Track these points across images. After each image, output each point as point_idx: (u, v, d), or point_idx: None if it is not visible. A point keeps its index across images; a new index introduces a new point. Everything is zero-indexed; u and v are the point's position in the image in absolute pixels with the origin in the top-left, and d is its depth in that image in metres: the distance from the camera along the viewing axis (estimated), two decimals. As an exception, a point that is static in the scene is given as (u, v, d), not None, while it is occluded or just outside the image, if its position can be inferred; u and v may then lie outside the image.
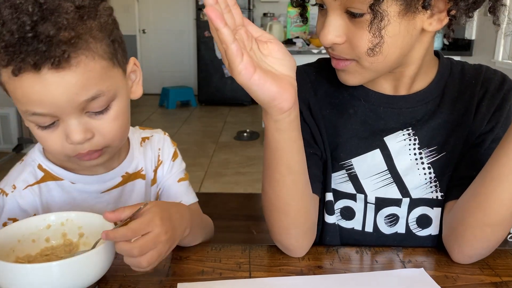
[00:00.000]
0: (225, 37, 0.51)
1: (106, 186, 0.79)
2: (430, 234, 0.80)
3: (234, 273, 0.68)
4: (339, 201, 0.81)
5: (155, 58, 6.79)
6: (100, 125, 0.65)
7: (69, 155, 0.67)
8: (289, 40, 3.91)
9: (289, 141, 0.64)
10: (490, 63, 3.18)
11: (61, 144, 0.65)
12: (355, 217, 0.81)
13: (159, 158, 0.87)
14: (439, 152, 0.78)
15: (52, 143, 0.66)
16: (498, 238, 0.69)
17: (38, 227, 0.66)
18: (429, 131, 0.77)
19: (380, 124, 0.78)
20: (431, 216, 0.79)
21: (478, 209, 0.67)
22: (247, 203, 3.05)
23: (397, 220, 0.80)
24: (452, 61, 0.82)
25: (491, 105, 0.76)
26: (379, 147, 0.78)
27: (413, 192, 0.78)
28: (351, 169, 0.79)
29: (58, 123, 0.64)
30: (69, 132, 0.63)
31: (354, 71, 0.70)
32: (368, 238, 0.81)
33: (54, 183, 0.76)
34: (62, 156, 0.68)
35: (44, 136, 0.65)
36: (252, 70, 0.54)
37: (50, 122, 0.63)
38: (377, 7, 0.60)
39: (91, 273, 0.58)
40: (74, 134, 0.63)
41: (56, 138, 0.65)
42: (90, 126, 0.65)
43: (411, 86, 0.77)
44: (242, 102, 6.00)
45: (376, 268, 0.71)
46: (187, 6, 6.53)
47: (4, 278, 0.54)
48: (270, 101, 0.58)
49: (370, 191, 0.79)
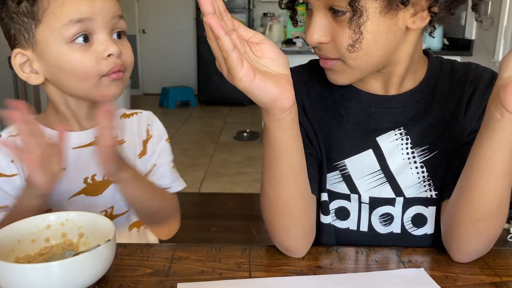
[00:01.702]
0: (226, 46, 0.52)
1: (77, 143, 0.84)
2: (426, 233, 0.80)
3: (234, 273, 0.68)
4: (333, 202, 0.81)
5: (155, 58, 6.79)
6: (124, 48, 0.79)
7: (102, 72, 0.76)
8: (289, 40, 3.91)
9: (290, 140, 0.65)
10: (490, 63, 3.18)
11: (96, 61, 0.76)
12: (350, 217, 0.81)
13: (149, 133, 0.94)
14: (431, 151, 0.78)
15: (88, 61, 0.75)
16: (491, 232, 0.69)
17: (38, 227, 0.67)
18: (420, 130, 0.78)
19: (372, 124, 0.79)
20: (426, 215, 0.79)
21: (466, 205, 0.68)
22: (247, 203, 3.05)
23: (392, 219, 0.80)
24: (441, 59, 0.82)
25: (481, 102, 0.76)
26: (372, 147, 0.78)
27: (407, 191, 0.79)
28: (345, 169, 0.80)
29: (93, 41, 0.76)
30: (107, 44, 0.76)
31: (341, 70, 0.71)
32: (364, 238, 0.81)
33: None
34: (94, 78, 0.76)
35: (80, 56, 0.75)
36: (252, 75, 0.55)
37: (87, 36, 0.75)
38: (356, 3, 0.61)
39: (91, 273, 0.58)
40: (113, 45, 0.76)
41: (92, 55, 0.76)
42: (118, 46, 0.78)
43: (401, 86, 0.78)
44: (242, 102, 6.01)
45: (376, 268, 0.71)
46: (187, 6, 6.53)
47: (4, 278, 0.54)
48: (271, 102, 0.59)
49: (363, 191, 0.79)
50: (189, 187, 3.23)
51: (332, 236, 0.82)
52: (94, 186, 0.86)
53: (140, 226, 0.96)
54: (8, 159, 0.80)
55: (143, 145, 0.93)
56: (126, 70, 0.80)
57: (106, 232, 0.62)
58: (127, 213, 0.91)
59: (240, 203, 3.06)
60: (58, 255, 0.66)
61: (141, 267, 0.69)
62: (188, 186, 0.98)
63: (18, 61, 0.78)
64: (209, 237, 2.56)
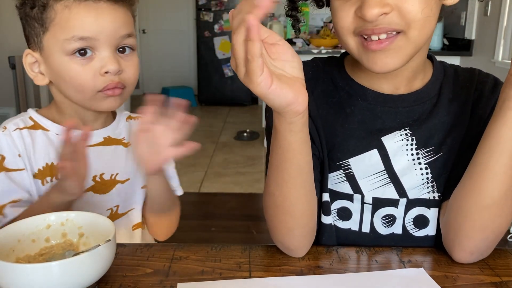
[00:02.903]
0: (256, 50, 0.50)
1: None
2: (427, 234, 0.80)
3: (234, 273, 0.68)
4: (335, 202, 0.81)
5: (155, 58, 6.79)
6: (127, 65, 0.80)
7: (98, 87, 0.78)
8: (289, 40, 3.91)
9: (301, 142, 0.64)
10: (490, 63, 3.18)
11: (93, 76, 0.77)
12: (352, 217, 0.81)
13: None
14: (436, 153, 0.78)
15: (85, 75, 0.77)
16: (496, 225, 0.69)
17: (38, 227, 0.67)
18: (426, 131, 0.78)
19: (378, 124, 0.78)
20: (428, 217, 0.79)
21: (474, 190, 0.68)
22: (247, 203, 3.05)
23: (394, 220, 0.80)
24: (445, 64, 0.83)
25: (486, 107, 0.77)
26: (377, 147, 0.78)
27: (410, 192, 0.78)
28: (349, 169, 0.79)
29: (94, 55, 0.77)
30: (106, 61, 0.77)
31: (398, 48, 0.66)
32: (365, 239, 0.81)
33: (41, 131, 0.84)
34: (89, 91, 0.78)
35: (79, 70, 0.77)
36: (270, 80, 0.54)
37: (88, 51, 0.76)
38: None
39: (91, 273, 0.58)
40: (112, 62, 0.77)
41: (90, 70, 0.77)
42: (120, 63, 0.79)
43: (409, 87, 0.78)
44: (242, 102, 6.00)
45: (376, 268, 0.71)
46: (187, 6, 6.53)
47: (4, 278, 0.54)
48: (286, 106, 0.58)
49: (367, 191, 0.79)
50: (189, 187, 3.24)
51: (333, 236, 0.81)
52: (102, 184, 0.87)
53: (143, 227, 0.97)
54: (15, 153, 0.80)
55: None
56: (127, 87, 0.81)
57: (106, 232, 0.62)
58: (129, 213, 0.92)
59: (240, 203, 3.06)
60: (58, 255, 0.66)
61: (141, 267, 0.69)
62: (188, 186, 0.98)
63: (28, 61, 0.81)
64: (209, 237, 2.56)
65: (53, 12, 0.75)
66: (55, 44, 0.77)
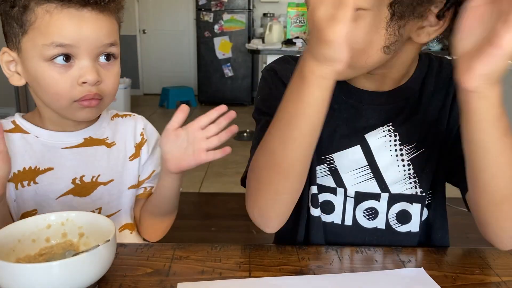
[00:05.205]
0: None
1: (66, 143, 0.85)
2: (410, 230, 0.81)
3: (234, 273, 0.68)
4: (320, 195, 0.82)
5: (155, 58, 6.79)
6: (107, 75, 0.78)
7: (74, 97, 0.75)
8: (289, 40, 3.90)
9: (324, 101, 0.61)
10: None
11: (71, 85, 0.74)
12: (334, 211, 0.82)
13: (143, 136, 0.95)
14: (418, 149, 0.78)
15: (62, 83, 0.74)
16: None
17: (38, 226, 0.67)
18: (409, 128, 0.78)
19: (362, 122, 0.79)
20: (410, 212, 0.80)
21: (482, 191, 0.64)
22: (247, 203, 3.05)
23: (377, 214, 0.81)
24: (431, 57, 0.82)
25: None
26: (360, 143, 0.79)
27: (392, 187, 0.79)
28: (332, 163, 0.80)
29: (73, 63, 0.74)
30: (85, 71, 0.74)
31: None
32: (348, 232, 0.82)
33: (20, 135, 0.83)
34: (65, 101, 0.76)
35: (56, 77, 0.74)
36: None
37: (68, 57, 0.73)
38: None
39: (91, 273, 0.58)
40: (90, 73, 0.74)
41: (68, 79, 0.74)
42: (100, 73, 0.76)
43: (395, 84, 0.78)
44: (242, 102, 6.00)
45: (376, 268, 0.71)
46: (187, 6, 6.53)
47: (4, 278, 0.54)
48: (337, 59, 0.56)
49: (350, 185, 0.80)
50: (189, 187, 3.24)
51: (320, 229, 0.82)
52: (83, 187, 0.85)
53: (133, 229, 0.95)
54: None
55: (136, 148, 0.93)
56: (104, 97, 0.79)
57: (106, 232, 0.62)
58: (116, 215, 0.91)
59: (240, 203, 3.03)
60: (58, 255, 0.66)
61: (141, 267, 0.69)
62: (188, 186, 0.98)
63: (5, 59, 0.79)
64: (209, 237, 2.56)
65: (34, 16, 0.72)
66: (33, 49, 0.74)
